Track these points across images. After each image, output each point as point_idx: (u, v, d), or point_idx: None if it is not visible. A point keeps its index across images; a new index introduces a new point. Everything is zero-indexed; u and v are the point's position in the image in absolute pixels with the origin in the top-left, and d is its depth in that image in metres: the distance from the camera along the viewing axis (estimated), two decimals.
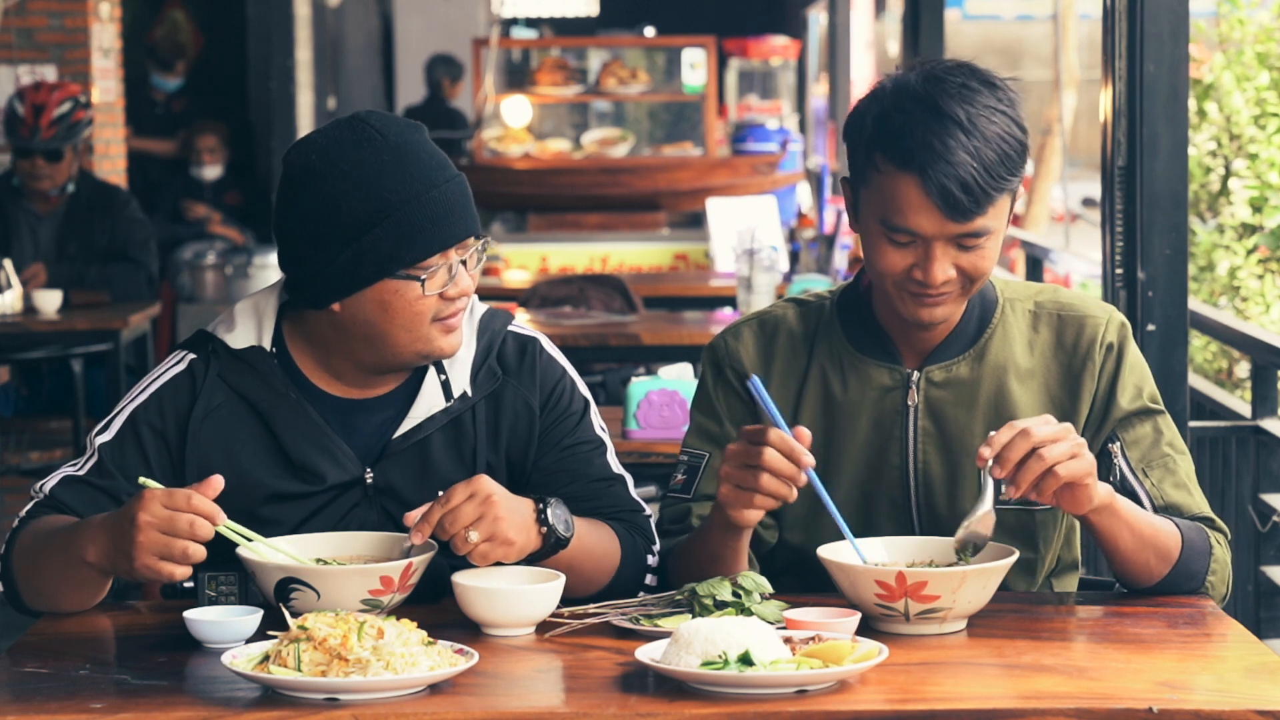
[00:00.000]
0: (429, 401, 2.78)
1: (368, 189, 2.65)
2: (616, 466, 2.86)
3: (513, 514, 2.58)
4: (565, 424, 2.83)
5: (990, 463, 2.53)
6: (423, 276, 2.67)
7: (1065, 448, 2.52)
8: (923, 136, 2.61)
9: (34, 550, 2.65)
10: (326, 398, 2.78)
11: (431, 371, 2.79)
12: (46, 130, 6.99)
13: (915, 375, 2.79)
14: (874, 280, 2.76)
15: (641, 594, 2.74)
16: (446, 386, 2.79)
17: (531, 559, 2.63)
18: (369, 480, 2.76)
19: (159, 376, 2.79)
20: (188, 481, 2.66)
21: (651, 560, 2.81)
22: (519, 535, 2.58)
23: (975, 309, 2.80)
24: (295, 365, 2.78)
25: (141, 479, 2.55)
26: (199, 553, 2.48)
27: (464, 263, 2.70)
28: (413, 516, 2.57)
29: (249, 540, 2.58)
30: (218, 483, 2.52)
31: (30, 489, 2.77)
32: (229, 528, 2.54)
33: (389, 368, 2.76)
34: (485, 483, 2.57)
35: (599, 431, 2.86)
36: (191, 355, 2.79)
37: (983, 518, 2.59)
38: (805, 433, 2.56)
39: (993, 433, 2.54)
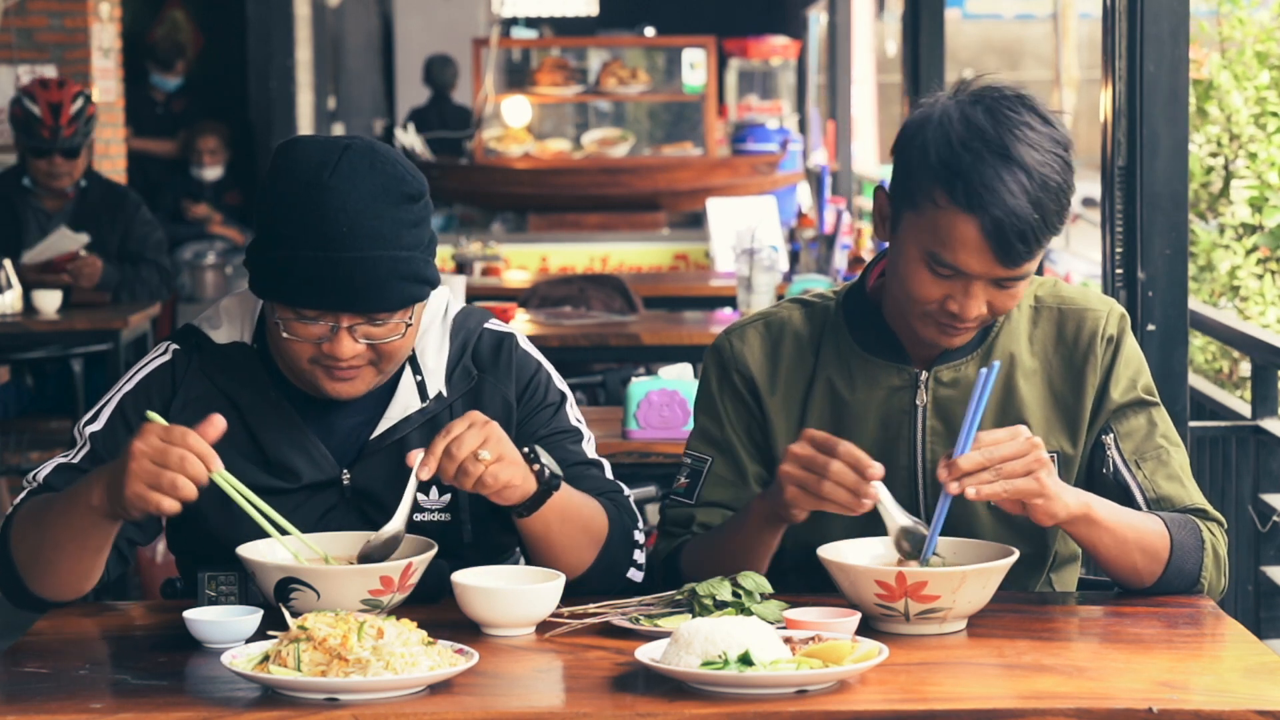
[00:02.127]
0: (404, 402, 2.79)
1: (284, 214, 2.63)
2: (594, 453, 2.88)
3: (510, 442, 2.61)
4: (542, 415, 2.85)
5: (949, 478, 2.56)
6: (286, 318, 2.66)
7: (1019, 465, 2.55)
8: (990, 181, 2.59)
9: (34, 517, 2.66)
10: (304, 396, 2.78)
11: (407, 372, 2.80)
12: (67, 129, 6.95)
13: (924, 375, 2.80)
14: (899, 299, 2.74)
15: (640, 595, 2.74)
16: (422, 387, 2.80)
17: (530, 505, 2.63)
18: (345, 481, 2.77)
19: (144, 366, 2.82)
20: None
21: (638, 535, 2.82)
22: (522, 462, 2.61)
23: None
24: (275, 363, 2.79)
25: (149, 413, 2.56)
26: (188, 488, 2.48)
27: (351, 329, 2.65)
28: (415, 455, 2.58)
29: (242, 495, 2.59)
30: (219, 421, 2.53)
31: (23, 481, 2.77)
32: (223, 478, 2.54)
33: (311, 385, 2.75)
34: (480, 414, 2.61)
35: (575, 422, 2.88)
36: (175, 347, 2.82)
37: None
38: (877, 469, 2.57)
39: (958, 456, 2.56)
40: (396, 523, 2.62)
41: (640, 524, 2.85)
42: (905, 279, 2.70)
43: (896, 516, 2.60)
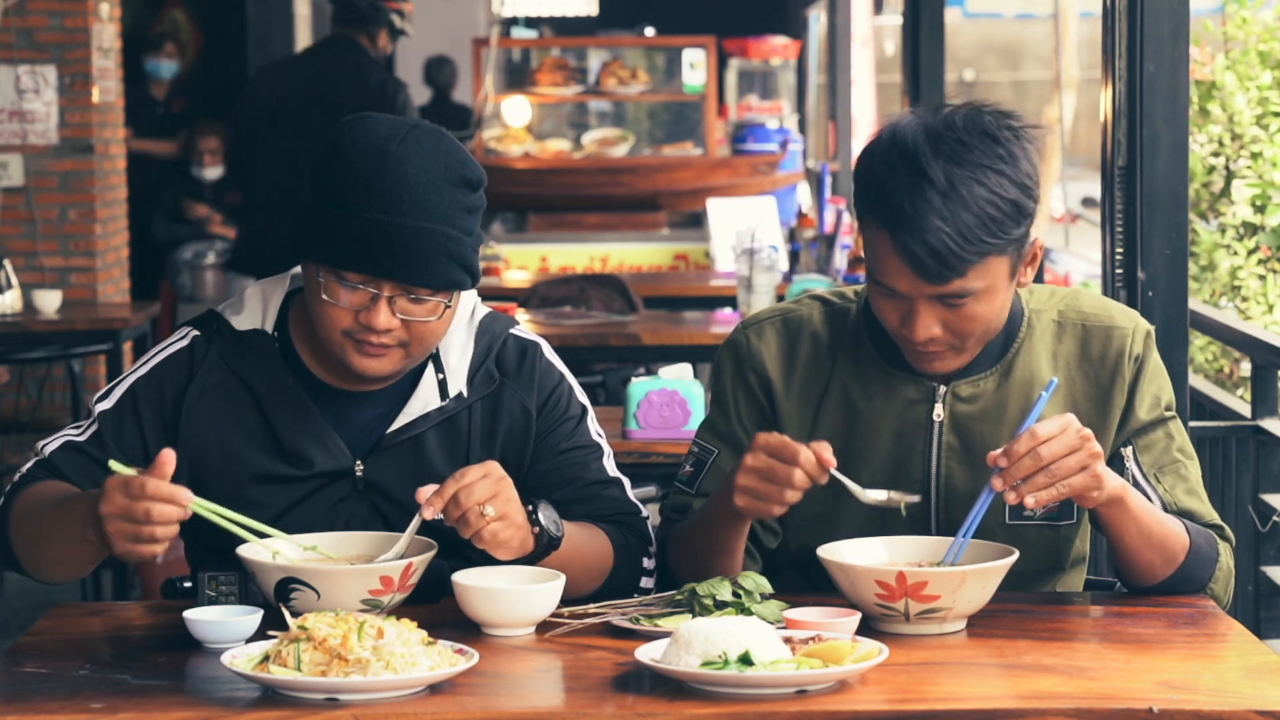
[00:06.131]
0: (424, 399, 2.79)
1: (345, 176, 2.65)
2: (614, 470, 2.87)
3: (518, 502, 2.59)
4: (563, 428, 2.84)
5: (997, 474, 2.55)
6: (328, 280, 2.66)
7: (1074, 461, 2.52)
8: (895, 199, 2.58)
9: (34, 519, 2.68)
10: (322, 386, 2.79)
11: (429, 370, 2.80)
12: None
13: (941, 389, 2.77)
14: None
15: (640, 595, 2.74)
16: (443, 386, 2.80)
17: (525, 561, 2.63)
18: (359, 473, 2.77)
19: (161, 351, 2.82)
20: (183, 457, 2.68)
21: (648, 563, 2.81)
22: (524, 524, 2.60)
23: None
24: (295, 351, 2.80)
25: (111, 462, 2.56)
26: (167, 533, 2.48)
27: (391, 300, 2.66)
28: (424, 492, 2.57)
29: (223, 517, 2.58)
30: (167, 457, 2.49)
31: (33, 445, 2.80)
32: (203, 506, 2.54)
33: (337, 363, 2.75)
34: (497, 466, 2.59)
35: (596, 436, 2.87)
36: (195, 332, 2.82)
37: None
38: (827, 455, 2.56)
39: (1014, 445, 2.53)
40: (393, 554, 2.61)
41: (653, 547, 2.84)
42: (870, 301, 2.70)
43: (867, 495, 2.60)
